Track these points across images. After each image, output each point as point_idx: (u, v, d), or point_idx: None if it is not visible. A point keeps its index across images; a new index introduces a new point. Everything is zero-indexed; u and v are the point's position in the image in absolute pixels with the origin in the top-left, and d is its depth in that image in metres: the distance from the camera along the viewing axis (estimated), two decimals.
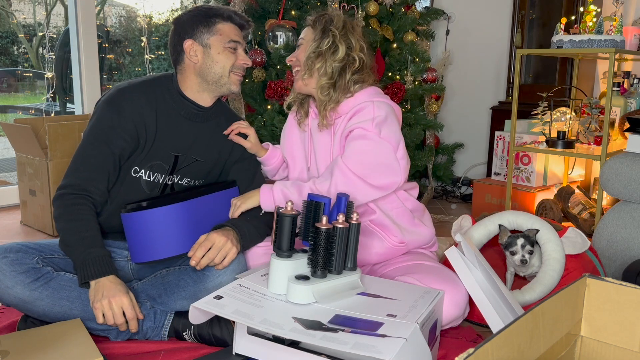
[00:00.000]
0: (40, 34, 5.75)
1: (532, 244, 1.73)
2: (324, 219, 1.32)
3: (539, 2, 3.41)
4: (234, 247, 1.52)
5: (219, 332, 1.51)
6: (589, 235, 2.42)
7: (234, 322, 1.40)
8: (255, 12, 2.89)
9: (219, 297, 1.32)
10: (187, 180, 1.70)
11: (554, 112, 2.74)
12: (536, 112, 2.71)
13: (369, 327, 1.20)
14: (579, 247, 1.73)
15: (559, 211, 2.75)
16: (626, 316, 0.97)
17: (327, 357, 1.25)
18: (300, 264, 1.38)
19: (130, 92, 1.59)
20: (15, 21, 6.02)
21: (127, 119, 1.55)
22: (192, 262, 1.49)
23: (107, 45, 4.34)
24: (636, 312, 0.96)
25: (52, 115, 3.42)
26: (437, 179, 3.35)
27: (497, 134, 3.17)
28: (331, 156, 1.69)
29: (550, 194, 2.91)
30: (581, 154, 2.56)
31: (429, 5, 3.78)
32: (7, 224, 2.90)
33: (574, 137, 2.67)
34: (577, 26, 2.51)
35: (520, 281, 1.86)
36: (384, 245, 1.68)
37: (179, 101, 1.64)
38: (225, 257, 1.51)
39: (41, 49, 5.59)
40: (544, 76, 3.43)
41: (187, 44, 1.61)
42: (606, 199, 2.84)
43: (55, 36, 4.17)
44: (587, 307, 1.01)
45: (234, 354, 1.36)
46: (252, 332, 1.34)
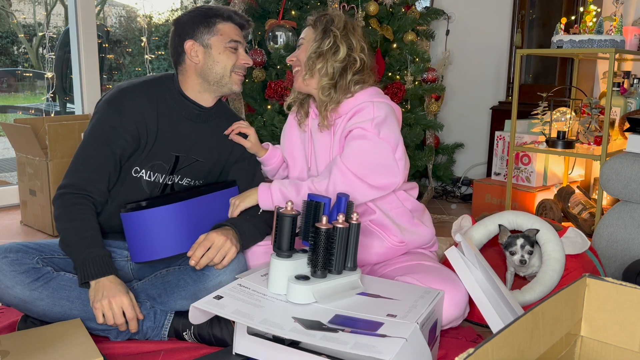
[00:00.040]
0: (40, 34, 5.75)
1: (532, 244, 1.73)
2: (324, 219, 1.32)
3: (539, 2, 3.41)
4: (234, 247, 1.52)
5: (219, 332, 1.51)
6: (589, 235, 2.42)
7: (234, 322, 1.40)
8: (255, 12, 2.89)
9: (219, 297, 1.32)
10: (187, 180, 1.70)
11: (554, 112, 2.74)
12: (536, 112, 2.71)
13: (369, 327, 1.20)
14: (579, 247, 1.73)
15: (559, 211, 2.75)
16: (626, 316, 0.97)
17: (327, 357, 1.25)
18: (300, 264, 1.38)
19: (131, 92, 1.59)
20: (15, 21, 6.02)
21: (129, 119, 1.55)
22: (192, 262, 1.49)
23: (107, 45, 4.34)
24: (636, 312, 0.96)
25: (52, 115, 3.42)
26: (437, 179, 3.35)
27: (497, 134, 3.17)
28: (331, 156, 1.69)
29: (550, 194, 2.91)
30: (581, 154, 2.56)
31: (429, 5, 3.78)
32: (7, 224, 2.90)
33: (574, 137, 2.67)
34: (577, 26, 2.51)
35: (520, 281, 1.86)
36: (384, 245, 1.68)
37: (180, 101, 1.64)
38: (224, 257, 1.51)
39: (41, 49, 5.59)
40: (544, 76, 3.43)
41: (188, 44, 1.61)
42: (606, 199, 2.84)
43: (55, 36, 4.17)
44: (587, 307, 1.01)
45: (234, 354, 1.36)
46: (252, 332, 1.34)
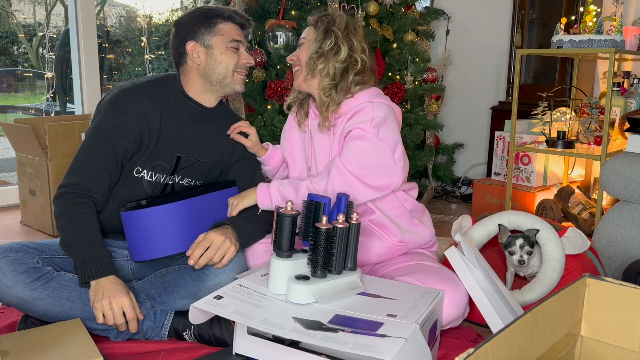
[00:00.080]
0: (40, 34, 5.75)
1: (532, 244, 1.73)
2: (324, 219, 1.32)
3: (539, 2, 3.41)
4: (233, 246, 1.52)
5: (219, 332, 1.51)
6: (589, 235, 2.42)
7: (234, 322, 1.40)
8: (255, 12, 2.89)
9: (219, 297, 1.32)
10: (188, 180, 1.70)
11: (554, 112, 2.74)
12: (536, 112, 2.71)
13: (369, 327, 1.20)
14: (579, 247, 1.73)
15: (559, 211, 2.75)
16: (626, 316, 0.97)
17: (327, 357, 1.25)
18: (300, 264, 1.38)
19: (134, 92, 1.58)
20: (15, 21, 6.02)
21: (131, 119, 1.55)
22: (191, 262, 1.49)
23: (107, 45, 4.34)
24: (636, 312, 0.96)
25: (52, 115, 3.42)
26: (437, 179, 3.35)
27: (497, 134, 3.17)
28: (330, 156, 1.69)
29: (550, 194, 2.91)
30: (581, 154, 2.56)
31: (429, 5, 3.78)
32: (7, 224, 2.90)
33: (574, 137, 2.67)
34: (577, 26, 2.51)
35: (520, 281, 1.86)
36: (383, 245, 1.68)
37: (183, 102, 1.64)
38: (224, 256, 1.51)
39: (41, 49, 5.59)
40: (544, 76, 3.43)
41: (189, 45, 1.61)
42: (606, 199, 2.84)
43: (55, 36, 4.17)
44: (587, 307, 1.01)
45: (234, 354, 1.36)
46: (252, 332, 1.34)
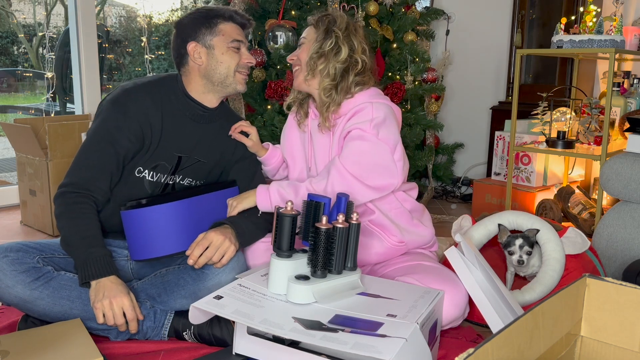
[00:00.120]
0: (40, 34, 5.75)
1: (532, 244, 1.73)
2: (324, 219, 1.32)
3: (539, 2, 3.41)
4: (232, 245, 1.52)
5: (219, 332, 1.51)
6: (589, 235, 2.42)
7: (234, 322, 1.40)
8: (255, 12, 2.89)
9: (219, 297, 1.32)
10: (189, 180, 1.70)
11: (554, 112, 2.74)
12: (536, 112, 2.71)
13: (369, 327, 1.20)
14: (579, 247, 1.73)
15: (559, 211, 2.75)
16: (626, 316, 0.97)
17: (327, 357, 1.25)
18: (300, 264, 1.38)
19: (136, 92, 1.58)
20: (15, 21, 6.02)
21: (133, 120, 1.55)
22: (190, 261, 1.49)
23: (107, 45, 4.34)
24: (636, 312, 0.96)
25: (52, 115, 3.42)
26: (437, 179, 3.35)
27: (497, 134, 3.17)
28: (330, 156, 1.69)
29: (550, 194, 2.91)
30: (581, 154, 2.56)
31: (429, 5, 3.78)
32: (7, 224, 2.90)
33: (574, 137, 2.67)
34: (577, 26, 2.51)
35: (520, 281, 1.86)
36: (383, 245, 1.68)
37: (185, 102, 1.64)
38: (223, 256, 1.51)
39: (41, 49, 5.59)
40: (544, 76, 3.43)
41: (191, 46, 1.61)
42: (606, 199, 2.84)
43: (55, 36, 4.17)
44: (587, 307, 1.01)
45: (234, 354, 1.36)
46: (252, 332, 1.34)
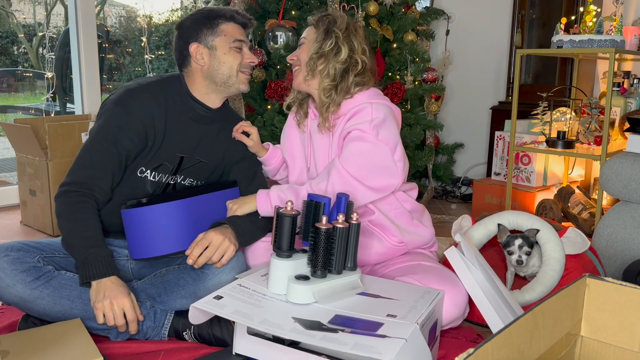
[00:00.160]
0: (40, 34, 5.75)
1: (531, 244, 1.73)
2: (324, 219, 1.32)
3: (539, 2, 3.41)
4: (232, 245, 1.52)
5: (219, 332, 1.51)
6: (589, 235, 2.42)
7: (234, 322, 1.40)
8: (255, 12, 2.89)
9: (219, 297, 1.32)
10: (190, 180, 1.70)
11: (554, 112, 2.74)
12: (536, 112, 2.71)
13: (368, 328, 1.20)
14: (579, 247, 1.73)
15: (559, 211, 2.75)
16: (626, 316, 0.97)
17: (327, 357, 1.25)
18: (300, 264, 1.38)
19: (140, 93, 1.58)
20: (15, 21, 6.02)
21: (136, 120, 1.55)
22: (189, 261, 1.49)
23: (107, 45, 4.34)
24: (636, 312, 0.96)
25: (52, 115, 3.42)
26: (437, 179, 3.35)
27: (497, 134, 3.17)
28: (329, 156, 1.69)
29: (550, 194, 2.91)
30: (581, 154, 2.56)
31: (429, 5, 3.78)
32: (7, 224, 2.90)
33: (574, 137, 2.67)
34: (577, 26, 2.51)
35: (520, 281, 1.86)
36: (383, 245, 1.68)
37: (188, 103, 1.64)
38: (223, 256, 1.51)
39: (41, 49, 5.59)
40: (544, 76, 3.43)
41: (193, 47, 1.61)
42: (606, 199, 2.84)
43: (55, 36, 4.17)
44: (587, 307, 1.01)
45: (234, 354, 1.36)
46: (252, 332, 1.34)
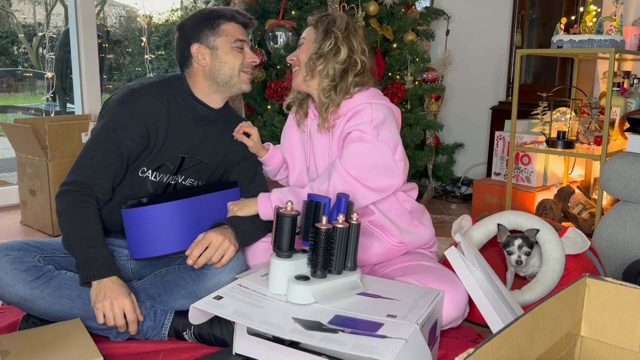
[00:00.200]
0: (40, 34, 5.75)
1: (531, 245, 1.73)
2: (324, 219, 1.32)
3: (539, 2, 3.41)
4: (232, 246, 1.52)
5: (219, 332, 1.51)
6: (589, 235, 2.42)
7: (234, 322, 1.40)
8: (255, 12, 2.89)
9: (219, 298, 1.32)
10: (191, 180, 1.70)
11: (554, 112, 2.74)
12: (536, 112, 2.71)
13: (369, 328, 1.20)
14: (579, 247, 1.73)
15: (559, 211, 2.75)
16: (626, 316, 0.97)
17: (327, 357, 1.25)
18: (300, 264, 1.38)
19: (143, 93, 1.58)
20: (15, 21, 6.02)
21: (139, 120, 1.55)
22: (189, 261, 1.49)
23: (107, 45, 4.33)
24: (636, 312, 0.96)
25: (52, 115, 3.42)
26: (437, 179, 3.35)
27: (497, 134, 3.17)
28: (329, 157, 1.69)
29: (550, 194, 2.91)
30: (581, 154, 2.56)
31: (429, 5, 3.78)
32: (7, 224, 2.90)
33: (574, 137, 2.67)
34: (577, 26, 2.51)
35: (520, 281, 1.86)
36: (383, 245, 1.68)
37: (190, 103, 1.64)
38: (223, 256, 1.51)
39: (41, 49, 5.58)
40: (544, 76, 3.43)
41: (194, 48, 1.61)
42: (606, 199, 2.84)
43: (55, 36, 4.17)
44: (587, 307, 1.01)
45: (234, 354, 1.36)
46: (252, 332, 1.34)
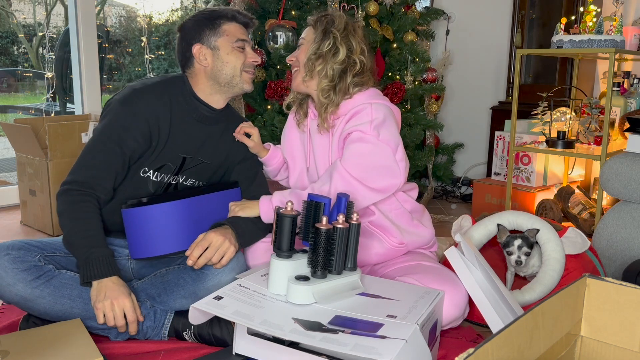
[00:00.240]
0: (40, 34, 5.74)
1: (530, 245, 1.73)
2: (324, 219, 1.32)
3: (539, 2, 3.41)
4: (232, 246, 1.52)
5: (219, 332, 1.51)
6: (589, 235, 2.42)
7: (234, 322, 1.40)
8: (255, 12, 2.89)
9: (219, 298, 1.32)
10: (192, 180, 1.70)
11: (554, 112, 2.74)
12: (536, 112, 2.71)
13: (369, 328, 1.20)
14: (579, 247, 1.73)
15: (559, 211, 2.75)
16: (626, 316, 0.97)
17: (327, 357, 1.25)
18: (300, 264, 1.38)
19: (145, 93, 1.58)
20: (15, 21, 6.01)
21: (142, 120, 1.55)
22: (189, 262, 1.49)
23: (107, 45, 4.33)
24: (636, 312, 0.96)
25: (52, 115, 3.42)
26: (437, 179, 3.35)
27: (497, 134, 3.17)
28: (329, 157, 1.69)
29: (550, 194, 2.91)
30: (581, 154, 2.56)
31: (429, 5, 3.78)
32: (7, 224, 2.90)
33: (574, 137, 2.67)
34: (577, 26, 2.51)
35: (520, 281, 1.86)
36: (383, 245, 1.68)
37: (192, 103, 1.64)
38: (223, 256, 1.51)
39: (41, 49, 5.58)
40: (544, 76, 3.43)
41: (196, 48, 1.61)
42: (606, 199, 2.84)
43: (55, 36, 4.17)
44: (587, 307, 1.01)
45: (234, 354, 1.36)
46: (252, 332, 1.34)
